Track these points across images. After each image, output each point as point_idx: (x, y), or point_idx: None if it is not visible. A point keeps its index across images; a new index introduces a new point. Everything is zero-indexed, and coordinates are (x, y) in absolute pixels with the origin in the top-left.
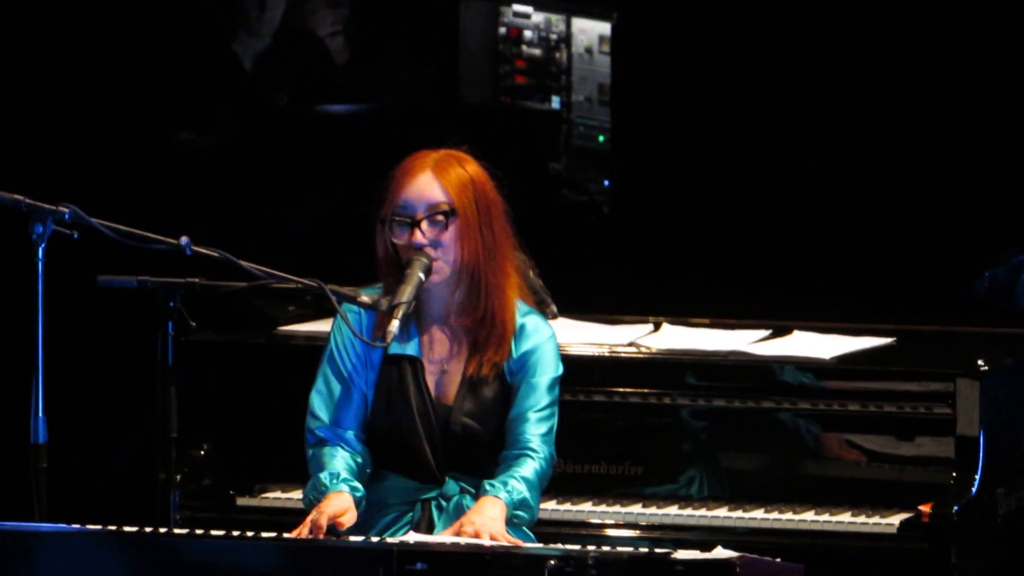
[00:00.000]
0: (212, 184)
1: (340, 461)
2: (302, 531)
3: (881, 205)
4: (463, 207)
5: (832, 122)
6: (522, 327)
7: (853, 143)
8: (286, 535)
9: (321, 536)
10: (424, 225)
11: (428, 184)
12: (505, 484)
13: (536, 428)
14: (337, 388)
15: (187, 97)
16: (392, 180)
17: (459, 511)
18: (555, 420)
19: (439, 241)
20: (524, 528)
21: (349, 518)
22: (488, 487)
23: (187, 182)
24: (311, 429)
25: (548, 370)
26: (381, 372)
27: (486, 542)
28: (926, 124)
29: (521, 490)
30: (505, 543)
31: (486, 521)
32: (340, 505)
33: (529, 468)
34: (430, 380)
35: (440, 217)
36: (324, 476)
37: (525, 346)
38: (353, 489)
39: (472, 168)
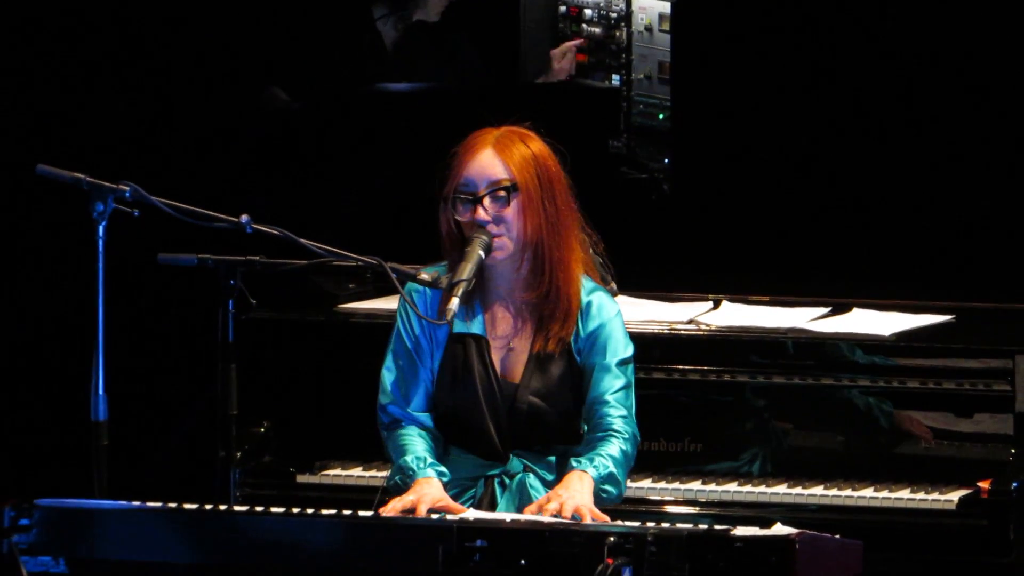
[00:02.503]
0: (274, 162)
1: (421, 443)
2: (394, 509)
3: (940, 182)
4: (525, 183)
5: (893, 99)
6: (588, 304)
7: (915, 120)
8: (347, 512)
9: None
10: (486, 202)
11: (490, 161)
12: (592, 459)
13: (616, 411)
14: (406, 367)
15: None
16: (454, 158)
17: (522, 489)
18: (633, 400)
19: (501, 217)
20: None
21: (446, 506)
22: (575, 462)
23: (249, 160)
24: (384, 407)
25: (619, 350)
26: (447, 350)
27: (553, 519)
28: (986, 102)
29: (608, 465)
30: (593, 518)
31: (572, 495)
32: (435, 495)
33: (615, 447)
34: (496, 357)
35: (502, 193)
36: (411, 460)
37: (592, 324)
38: (440, 474)
39: (535, 144)
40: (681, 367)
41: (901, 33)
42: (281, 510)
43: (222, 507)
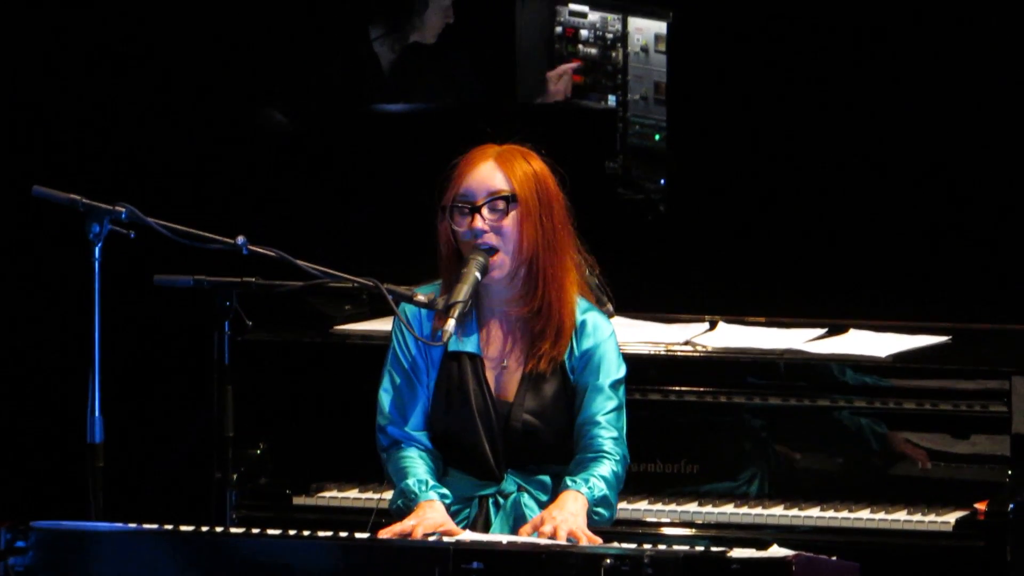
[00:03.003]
0: (269, 183)
1: (422, 465)
2: (393, 535)
3: (937, 204)
4: (524, 196)
5: (888, 121)
6: (583, 324)
7: (910, 142)
8: (343, 534)
9: None
10: (484, 211)
11: (490, 172)
12: (587, 480)
13: (607, 432)
14: (403, 387)
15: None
16: (454, 169)
17: (516, 509)
18: (624, 421)
19: (499, 228)
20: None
21: (446, 531)
22: (570, 482)
23: (245, 181)
24: (382, 428)
25: (612, 371)
26: (441, 369)
27: (550, 542)
28: (981, 123)
29: (602, 488)
30: (586, 540)
31: (567, 517)
32: (437, 519)
33: (606, 468)
34: (490, 376)
35: (500, 204)
36: (412, 483)
37: (586, 344)
38: (443, 496)
39: (536, 162)
40: (677, 388)
41: (898, 57)
42: (277, 532)
43: (218, 529)
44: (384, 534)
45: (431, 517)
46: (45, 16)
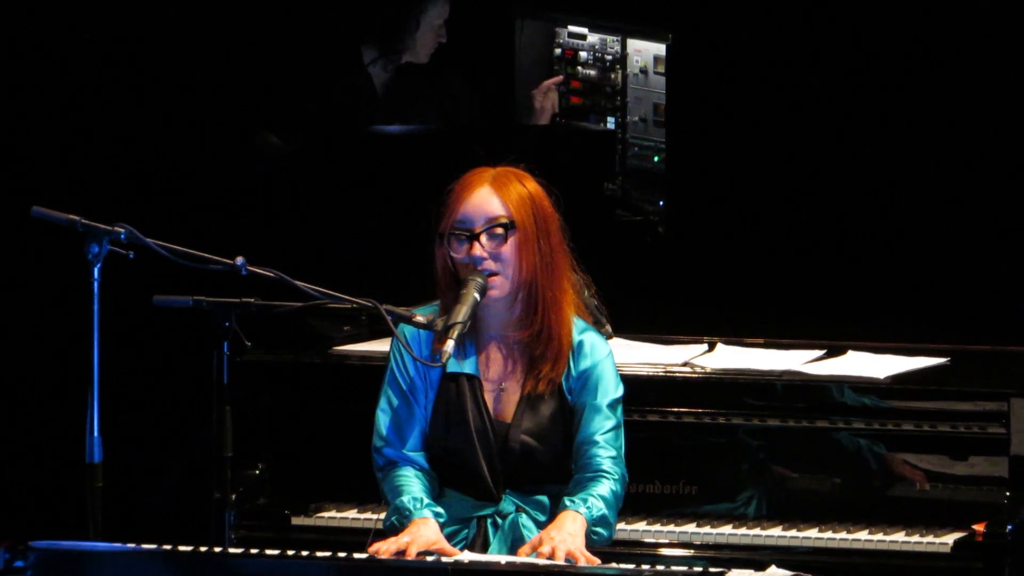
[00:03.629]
0: (268, 204)
1: (418, 484)
2: (387, 551)
3: (934, 226)
4: (522, 221)
5: (887, 145)
6: (580, 344)
7: (910, 165)
8: (342, 554)
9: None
10: (483, 238)
11: (487, 198)
12: (585, 500)
13: (606, 451)
14: (401, 407)
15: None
16: (450, 195)
17: (515, 529)
18: (622, 441)
19: (498, 255)
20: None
21: (440, 549)
22: (568, 502)
23: (244, 202)
24: (378, 449)
25: (610, 391)
26: (439, 390)
27: (548, 562)
28: (979, 147)
29: (601, 507)
30: (585, 560)
31: (565, 537)
32: (431, 536)
33: (605, 488)
34: (488, 398)
35: (499, 230)
36: (407, 500)
37: (584, 364)
38: (437, 515)
39: (531, 184)
40: (676, 409)
41: (898, 81)
42: (276, 552)
43: (217, 549)
44: (379, 551)
45: (424, 534)
46: (46, 37)
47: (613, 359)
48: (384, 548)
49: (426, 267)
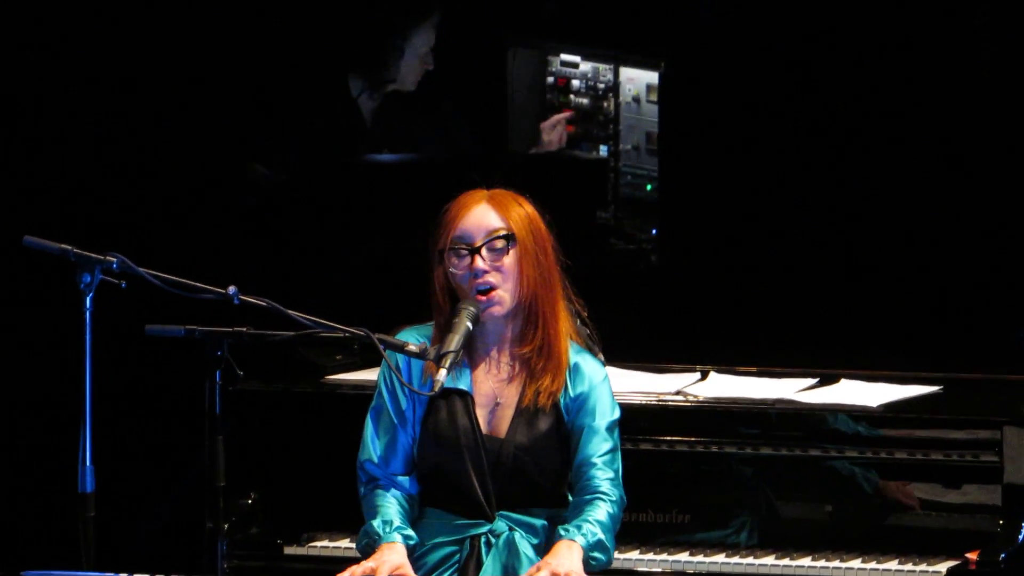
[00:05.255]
0: (260, 233)
1: (393, 506)
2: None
3: (928, 254)
4: (521, 234)
5: (880, 168)
6: (576, 366)
7: (902, 194)
8: None
9: None
10: (484, 252)
11: (485, 213)
12: (580, 527)
13: (604, 473)
14: (388, 427)
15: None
16: (446, 214)
17: (509, 547)
18: (619, 463)
19: (499, 267)
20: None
21: (402, 574)
22: (563, 531)
23: (236, 231)
24: (362, 466)
25: (607, 413)
26: (430, 407)
27: None
28: (971, 173)
29: (596, 532)
30: None
31: (562, 563)
32: (396, 561)
33: (602, 511)
34: (481, 414)
35: (499, 243)
36: (377, 524)
37: (581, 386)
38: (407, 538)
39: (526, 205)
40: (669, 438)
41: (891, 107)
42: None
43: None
44: (352, 572)
45: (389, 559)
46: (37, 62)
47: (609, 382)
48: (350, 573)
49: (421, 295)
